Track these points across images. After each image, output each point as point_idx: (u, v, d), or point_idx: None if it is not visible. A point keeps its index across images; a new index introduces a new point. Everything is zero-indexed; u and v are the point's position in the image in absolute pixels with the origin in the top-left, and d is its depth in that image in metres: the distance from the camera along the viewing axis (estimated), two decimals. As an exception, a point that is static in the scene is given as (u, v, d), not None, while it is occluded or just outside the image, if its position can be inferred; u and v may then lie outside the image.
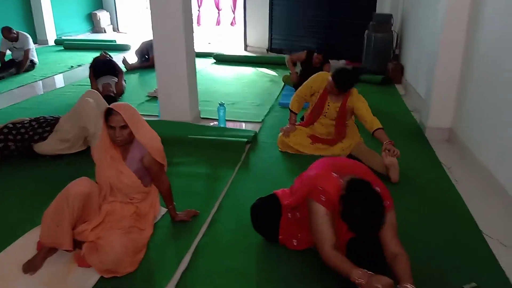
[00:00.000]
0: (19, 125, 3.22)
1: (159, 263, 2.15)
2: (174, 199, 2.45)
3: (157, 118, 4.23)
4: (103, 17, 11.04)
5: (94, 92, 3.47)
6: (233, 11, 10.63)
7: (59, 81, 6.18)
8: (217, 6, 10.84)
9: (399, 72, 5.96)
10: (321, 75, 3.46)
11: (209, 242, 2.33)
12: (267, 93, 5.40)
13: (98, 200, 2.17)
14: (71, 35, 10.00)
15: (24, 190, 2.88)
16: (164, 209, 2.53)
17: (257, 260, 2.20)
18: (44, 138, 3.18)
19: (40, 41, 9.05)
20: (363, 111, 3.25)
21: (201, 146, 3.55)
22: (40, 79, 6.14)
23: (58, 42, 8.98)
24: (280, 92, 5.43)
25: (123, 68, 6.24)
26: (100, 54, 5.26)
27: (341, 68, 3.28)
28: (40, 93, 5.51)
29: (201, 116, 4.39)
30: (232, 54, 7.72)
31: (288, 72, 5.53)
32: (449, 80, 3.75)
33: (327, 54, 5.15)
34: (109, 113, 2.11)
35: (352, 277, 1.73)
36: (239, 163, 3.32)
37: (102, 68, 5.07)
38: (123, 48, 8.40)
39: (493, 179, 2.90)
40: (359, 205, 1.75)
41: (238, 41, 9.14)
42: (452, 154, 3.56)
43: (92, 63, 5.10)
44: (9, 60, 6.40)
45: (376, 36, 6.12)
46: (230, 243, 2.33)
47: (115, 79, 5.06)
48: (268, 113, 4.62)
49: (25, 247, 2.21)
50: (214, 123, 4.22)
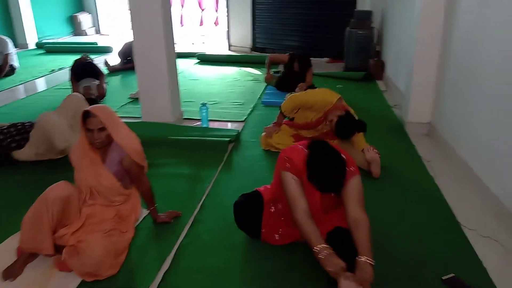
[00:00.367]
0: None
1: (141, 264, 2.14)
2: (156, 201, 2.45)
3: (139, 120, 4.22)
4: (85, 19, 10.93)
5: (75, 96, 3.42)
6: (216, 10, 10.63)
7: (41, 85, 6.10)
8: (200, 6, 10.83)
9: (380, 68, 6.02)
10: (327, 97, 3.30)
11: (192, 242, 2.33)
12: (250, 92, 5.42)
13: (78, 204, 2.16)
14: (52, 38, 9.87)
15: (3, 195, 2.85)
16: (145, 211, 2.52)
17: (240, 258, 2.21)
18: (21, 146, 3.13)
19: (21, 45, 8.92)
20: (359, 143, 3.25)
21: (183, 147, 3.55)
22: (21, 83, 6.05)
23: (39, 45, 8.87)
24: (263, 91, 5.45)
25: (105, 70, 6.19)
26: (81, 57, 5.20)
27: (345, 118, 3.07)
28: (21, 97, 5.44)
29: (184, 117, 4.39)
30: (215, 54, 7.72)
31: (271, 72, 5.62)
32: (427, 76, 3.81)
33: (308, 62, 5.09)
34: (86, 115, 2.10)
35: (314, 249, 1.79)
36: (222, 162, 3.33)
37: (83, 70, 5.02)
38: (105, 50, 8.33)
39: (470, 172, 2.96)
40: (319, 156, 1.89)
41: (222, 40, 9.14)
42: (431, 148, 3.62)
43: (73, 66, 5.04)
44: (-12, 65, 6.30)
45: (357, 33, 6.18)
46: (213, 242, 2.34)
47: (96, 82, 5.02)
48: (251, 112, 4.63)
49: (4, 253, 2.19)
50: (197, 123, 4.22)
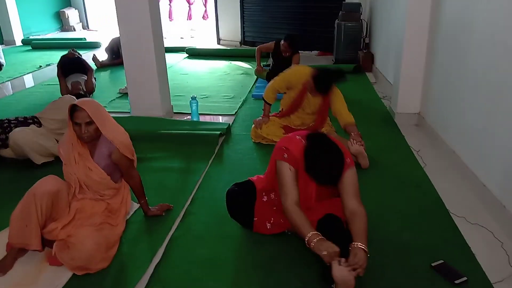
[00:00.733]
0: None
1: (132, 257, 2.14)
2: (147, 194, 2.44)
3: (128, 115, 4.19)
4: (72, 15, 10.80)
5: (65, 99, 3.39)
6: (205, 4, 10.57)
7: (28, 81, 6.04)
8: (188, 0, 10.76)
9: (369, 61, 6.05)
10: (300, 70, 3.39)
11: (183, 234, 2.33)
12: (240, 85, 5.41)
13: (67, 198, 2.14)
14: (39, 35, 9.75)
15: (-8, 192, 2.82)
16: (136, 205, 2.51)
17: (232, 248, 2.22)
18: (7, 146, 3.09)
19: (7, 41, 8.81)
20: (340, 106, 3.26)
21: (174, 141, 3.54)
22: (8, 80, 5.99)
23: (26, 42, 8.76)
24: (253, 84, 5.45)
25: (93, 66, 6.14)
26: (68, 52, 5.14)
27: (322, 69, 3.16)
28: (9, 94, 5.38)
29: (174, 111, 4.37)
30: (204, 48, 7.69)
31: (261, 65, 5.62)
32: (416, 67, 3.84)
33: (295, 43, 4.97)
34: (73, 109, 2.08)
35: (307, 238, 1.80)
36: (213, 155, 3.32)
37: (71, 66, 4.96)
38: (93, 46, 8.26)
39: (458, 160, 2.99)
40: (318, 149, 1.88)
41: (211, 35, 9.09)
42: (420, 137, 3.65)
43: (60, 61, 4.98)
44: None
45: (346, 25, 6.19)
46: (204, 233, 2.34)
47: (85, 77, 4.97)
48: (241, 105, 4.63)
49: (-6, 249, 2.17)
50: (187, 117, 4.20)
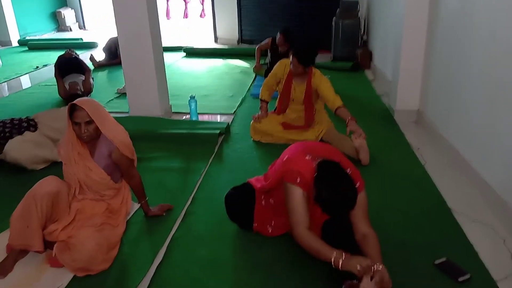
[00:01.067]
0: None
1: (133, 258, 2.13)
2: (147, 194, 2.43)
3: (127, 115, 4.17)
4: (68, 15, 10.74)
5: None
6: (202, 3, 10.54)
7: (25, 82, 5.99)
8: (184, -1, 10.74)
9: (367, 58, 6.04)
10: (283, 61, 3.48)
11: (184, 234, 2.32)
12: (238, 84, 5.39)
13: (68, 199, 2.13)
14: (35, 35, 9.69)
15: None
16: (136, 205, 2.50)
17: (233, 249, 2.21)
18: (1, 151, 3.03)
19: (3, 42, 8.75)
20: (326, 90, 3.27)
21: (173, 140, 3.52)
22: (5, 81, 5.94)
23: (22, 42, 8.69)
24: (252, 83, 5.43)
25: (91, 66, 6.10)
26: (65, 52, 5.11)
27: (299, 43, 3.27)
28: (5, 95, 5.35)
29: (173, 110, 4.35)
30: (202, 47, 7.67)
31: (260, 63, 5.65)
32: (415, 63, 3.83)
33: (290, 35, 5.04)
34: (73, 109, 2.06)
35: (333, 258, 1.73)
36: (212, 155, 3.31)
37: (68, 66, 4.93)
38: (90, 46, 8.21)
39: (459, 157, 2.99)
40: (330, 186, 1.78)
41: (208, 33, 9.06)
42: (420, 134, 3.64)
43: (57, 61, 4.95)
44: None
45: (343, 22, 6.18)
46: (205, 233, 2.33)
47: (82, 77, 4.93)
48: (240, 104, 4.61)
49: (-6, 251, 2.15)
50: (186, 116, 4.18)
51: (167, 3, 10.72)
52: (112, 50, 6.59)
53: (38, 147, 3.08)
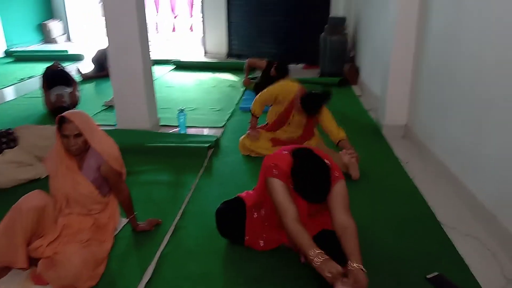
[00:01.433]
0: None
1: (121, 275, 2.07)
2: (135, 209, 2.38)
3: (114, 127, 4.11)
4: (55, 27, 10.67)
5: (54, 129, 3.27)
6: (191, 17, 10.59)
7: (10, 94, 5.88)
8: (172, 12, 10.77)
9: (355, 74, 6.11)
10: (288, 86, 3.41)
11: (174, 250, 2.27)
12: (227, 98, 5.39)
13: (54, 214, 2.07)
14: (21, 47, 9.59)
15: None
16: (124, 220, 2.44)
17: (224, 263, 2.17)
18: None
19: (-12, 53, 8.63)
20: (329, 123, 3.30)
21: (162, 154, 3.48)
22: (-11, 93, 5.84)
23: (8, 53, 8.61)
24: (241, 97, 5.43)
25: (78, 78, 6.04)
26: (52, 64, 5.05)
27: (310, 93, 3.19)
28: (-11, 107, 5.25)
29: (161, 124, 4.31)
30: (191, 61, 7.67)
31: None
32: (403, 79, 3.88)
33: (286, 70, 5.11)
34: (62, 121, 2.02)
35: (308, 256, 1.75)
36: (202, 168, 3.28)
37: (55, 78, 4.86)
38: (77, 58, 8.15)
39: (447, 172, 3.01)
40: (304, 168, 1.86)
41: (197, 47, 9.10)
42: (408, 149, 3.68)
43: (44, 73, 4.89)
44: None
45: (331, 39, 6.26)
46: (195, 248, 2.29)
47: (69, 90, 4.87)
48: (229, 118, 4.60)
49: (-25, 268, 2.07)
50: (174, 130, 4.15)
51: (156, 17, 10.73)
52: (101, 62, 6.54)
53: (19, 169, 2.98)
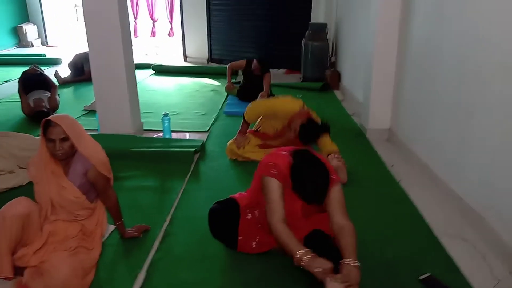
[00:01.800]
0: None
1: (111, 283, 2.01)
2: (122, 215, 2.32)
3: (96, 132, 4.02)
4: (30, 30, 10.41)
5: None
6: (170, 22, 10.50)
7: (-17, 99, 5.68)
8: (151, 17, 10.66)
9: (336, 79, 6.18)
10: (289, 105, 3.30)
11: (164, 256, 2.22)
12: (211, 102, 5.36)
13: (39, 220, 2.00)
14: (-6, 50, 9.32)
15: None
16: (112, 226, 2.38)
17: (215, 269, 2.13)
18: None
19: (-41, 57, 8.33)
20: (328, 146, 3.27)
21: (147, 159, 3.42)
22: (-39, 98, 5.62)
23: (-18, 57, 8.34)
24: (224, 101, 5.41)
25: (56, 82, 5.89)
26: (30, 68, 4.91)
27: (307, 124, 3.10)
28: (-39, 112, 5.05)
29: (144, 128, 4.24)
30: (171, 65, 7.61)
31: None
32: (386, 83, 3.94)
33: (267, 64, 5.27)
34: (47, 125, 1.95)
35: (295, 255, 1.74)
36: (189, 173, 3.23)
37: (33, 82, 4.73)
38: (54, 62, 7.97)
39: (432, 174, 3.07)
40: (304, 168, 1.87)
41: (177, 52, 9.02)
42: (393, 152, 3.72)
43: (22, 77, 4.74)
44: None
45: (312, 44, 6.31)
46: (186, 254, 2.24)
47: (48, 94, 4.74)
48: (214, 122, 4.57)
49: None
50: (158, 134, 4.09)
51: (134, 21, 10.60)
52: (78, 66, 6.41)
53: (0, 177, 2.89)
